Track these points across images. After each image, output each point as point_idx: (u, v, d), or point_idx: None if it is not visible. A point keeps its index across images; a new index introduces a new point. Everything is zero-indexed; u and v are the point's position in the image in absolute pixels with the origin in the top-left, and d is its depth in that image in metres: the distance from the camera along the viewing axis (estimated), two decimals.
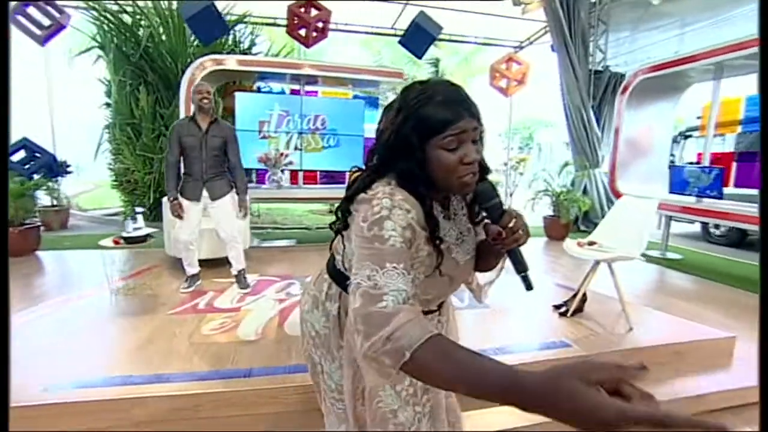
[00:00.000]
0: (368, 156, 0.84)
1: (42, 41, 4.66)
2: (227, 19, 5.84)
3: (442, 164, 0.74)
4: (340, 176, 5.53)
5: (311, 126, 5.21)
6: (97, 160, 6.60)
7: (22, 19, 4.43)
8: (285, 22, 5.28)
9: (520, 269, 0.81)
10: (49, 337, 2.11)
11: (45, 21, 4.58)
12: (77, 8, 5.67)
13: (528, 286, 0.81)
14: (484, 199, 0.81)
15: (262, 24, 6.99)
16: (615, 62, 6.74)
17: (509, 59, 6.45)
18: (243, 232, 3.71)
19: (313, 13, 5.11)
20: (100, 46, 6.08)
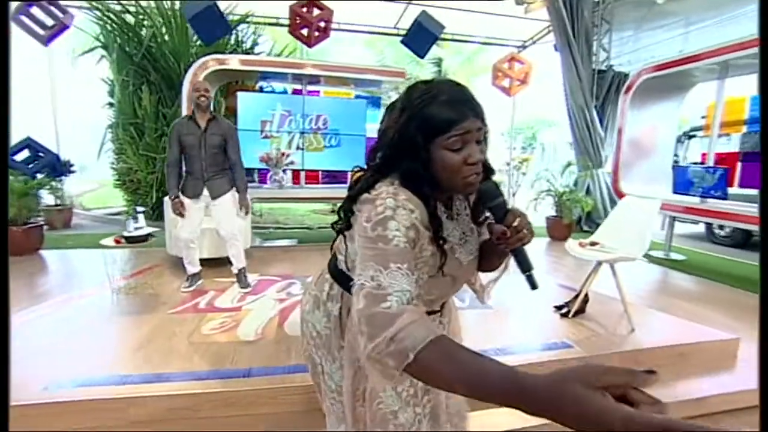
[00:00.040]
0: (370, 155, 0.83)
1: (45, 41, 4.68)
2: (230, 19, 5.85)
3: (446, 164, 0.74)
4: (342, 176, 5.52)
5: (313, 126, 5.21)
6: (100, 160, 6.64)
7: (25, 19, 4.45)
8: (287, 22, 5.27)
9: (525, 268, 0.80)
10: (50, 336, 2.12)
11: (48, 21, 4.60)
12: (80, 8, 5.69)
13: (533, 286, 0.80)
14: (488, 199, 0.80)
15: (264, 24, 7.00)
16: (618, 61, 6.70)
17: (512, 59, 6.43)
18: (244, 232, 3.72)
19: (315, 12, 5.11)
20: (104, 46, 6.12)
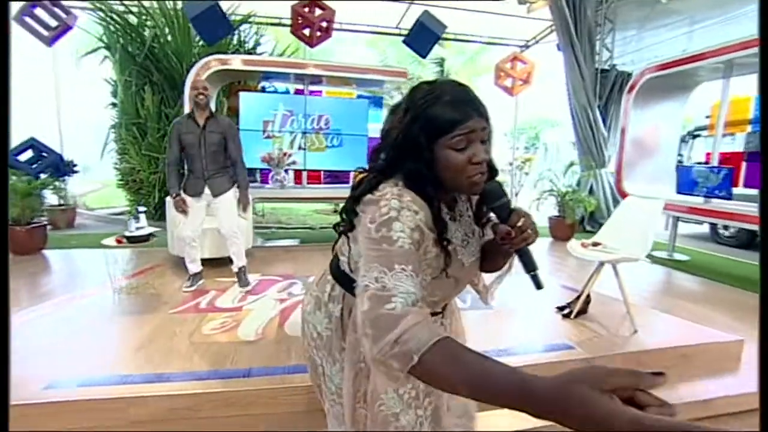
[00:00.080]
0: (373, 156, 0.83)
1: (49, 42, 4.70)
2: (232, 19, 5.86)
3: (451, 164, 0.74)
4: (344, 176, 5.52)
5: (315, 126, 5.21)
6: (103, 160, 6.68)
7: (29, 20, 4.47)
8: (290, 22, 5.27)
9: (530, 269, 0.80)
10: (51, 336, 2.13)
11: (52, 22, 4.62)
12: (84, 9, 5.72)
13: (538, 286, 0.80)
14: (493, 199, 0.80)
15: (266, 24, 7.00)
16: (622, 61, 6.67)
17: (514, 58, 6.40)
18: (246, 232, 3.72)
19: (317, 12, 5.10)
20: (107, 47, 6.15)
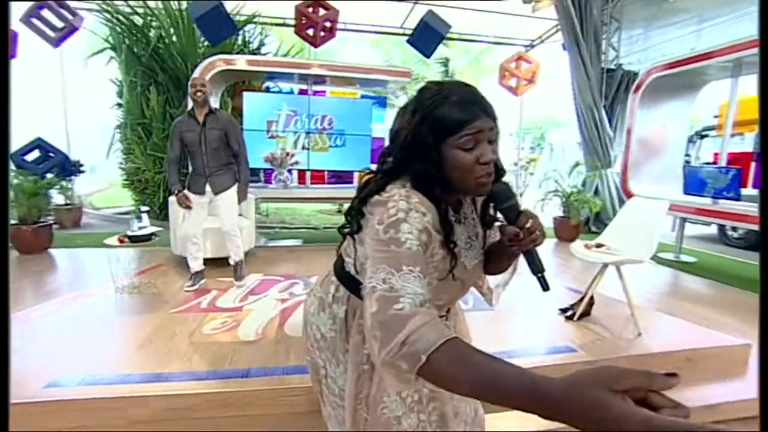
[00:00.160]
0: (380, 158, 0.83)
1: (55, 43, 4.74)
2: (236, 19, 5.88)
3: (459, 164, 0.74)
4: (347, 176, 5.51)
5: (318, 126, 5.21)
6: (109, 160, 6.73)
7: (36, 21, 4.51)
8: (293, 22, 5.28)
9: (537, 270, 0.80)
10: (53, 335, 2.14)
11: (58, 23, 4.65)
12: (90, 10, 5.76)
13: (544, 287, 0.80)
14: (501, 200, 0.80)
15: (271, 24, 7.02)
16: (628, 60, 6.59)
17: (519, 58, 6.36)
18: (248, 232, 3.73)
19: (321, 12, 5.10)
20: (112, 48, 6.19)
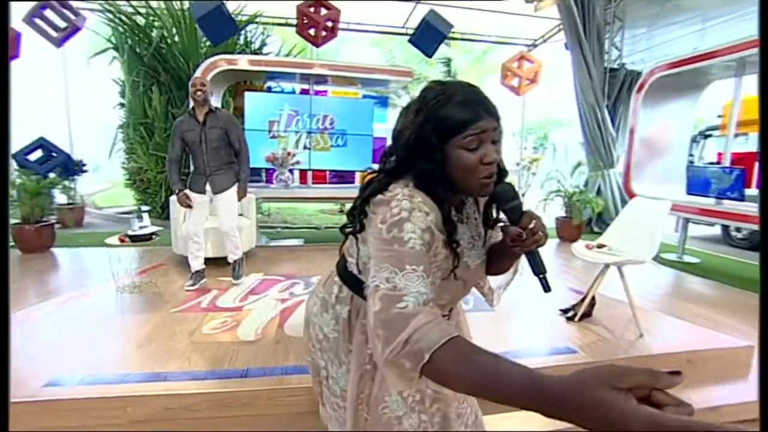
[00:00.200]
0: (382, 157, 0.83)
1: (58, 43, 4.75)
2: (239, 19, 5.88)
3: (463, 164, 0.74)
4: (349, 176, 5.51)
5: (320, 125, 5.20)
6: (112, 160, 6.75)
7: (38, 21, 4.52)
8: (295, 22, 5.28)
9: (539, 271, 0.80)
10: (54, 334, 2.14)
11: (61, 23, 4.67)
12: (93, 10, 5.78)
13: (546, 288, 0.80)
14: (505, 201, 0.80)
15: (273, 24, 7.03)
16: (631, 60, 6.56)
17: (521, 57, 6.34)
18: (249, 232, 3.74)
19: (323, 12, 5.09)
20: (115, 48, 6.21)
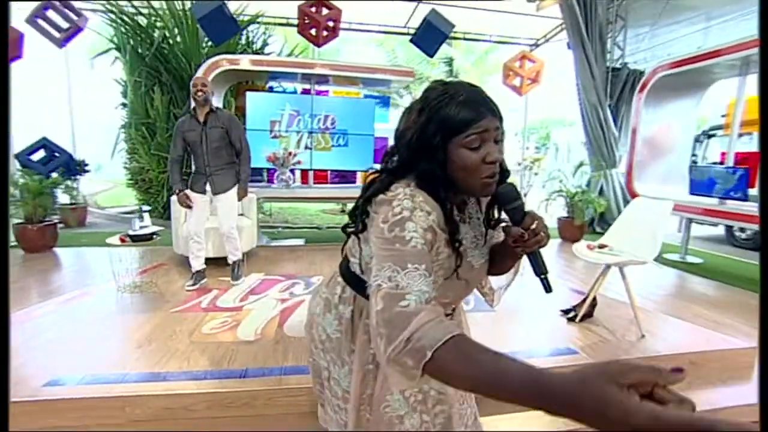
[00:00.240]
0: (384, 157, 0.83)
1: (60, 43, 4.77)
2: (240, 19, 5.89)
3: (465, 163, 0.74)
4: (350, 176, 5.50)
5: (321, 125, 5.20)
6: (114, 159, 6.78)
7: (41, 21, 4.54)
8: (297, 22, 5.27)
9: (540, 272, 0.80)
10: (55, 333, 2.15)
11: (63, 24, 4.68)
12: (95, 11, 5.80)
13: (547, 289, 0.80)
14: (507, 201, 0.80)
15: (274, 24, 7.03)
16: (634, 59, 6.52)
17: (523, 57, 6.31)
18: (250, 232, 3.73)
19: (324, 12, 5.09)
20: (117, 48, 6.22)
